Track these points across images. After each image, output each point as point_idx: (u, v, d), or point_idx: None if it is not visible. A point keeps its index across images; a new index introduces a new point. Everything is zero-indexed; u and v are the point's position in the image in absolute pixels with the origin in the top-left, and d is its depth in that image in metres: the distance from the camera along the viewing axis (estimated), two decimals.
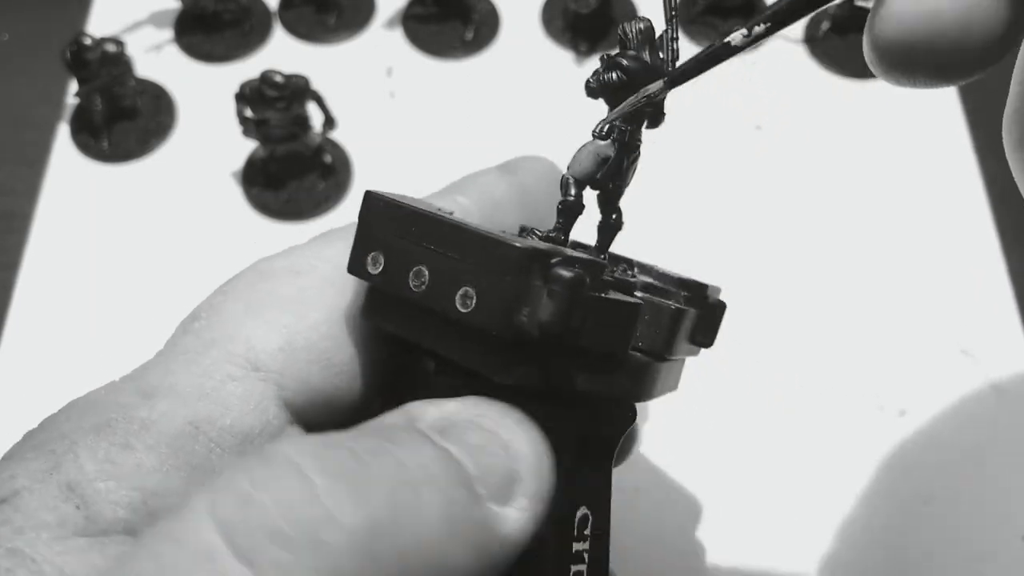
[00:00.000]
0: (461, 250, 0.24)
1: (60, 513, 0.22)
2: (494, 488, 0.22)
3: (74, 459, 0.23)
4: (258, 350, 0.26)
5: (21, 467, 0.22)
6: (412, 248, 0.24)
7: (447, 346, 0.25)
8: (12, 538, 0.21)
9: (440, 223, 0.24)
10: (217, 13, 0.62)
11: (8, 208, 0.56)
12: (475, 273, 0.23)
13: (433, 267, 0.24)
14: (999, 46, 0.21)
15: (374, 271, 0.25)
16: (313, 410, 0.27)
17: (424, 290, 0.24)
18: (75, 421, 0.24)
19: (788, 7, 0.23)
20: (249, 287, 0.28)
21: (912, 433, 0.48)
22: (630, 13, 0.64)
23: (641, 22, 0.26)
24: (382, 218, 0.25)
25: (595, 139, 0.27)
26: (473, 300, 0.23)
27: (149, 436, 0.24)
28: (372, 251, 0.25)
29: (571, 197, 0.27)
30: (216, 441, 0.25)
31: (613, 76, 0.26)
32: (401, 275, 0.24)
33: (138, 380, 0.25)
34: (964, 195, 0.57)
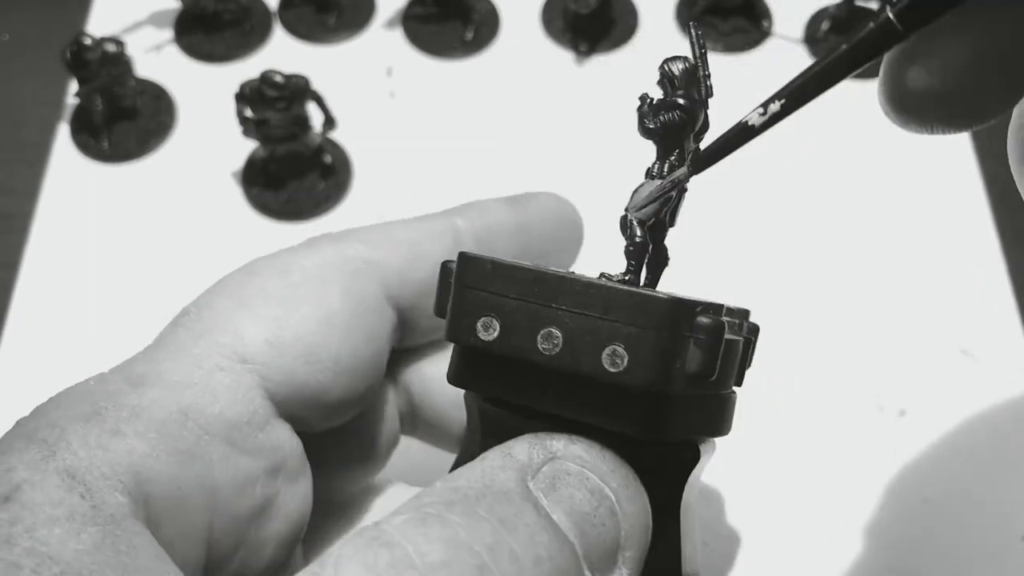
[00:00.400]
0: (602, 307, 0.23)
1: (68, 505, 0.21)
2: (599, 562, 0.23)
3: (67, 446, 0.23)
4: (245, 342, 0.26)
5: (15, 457, 0.22)
6: (538, 309, 0.23)
7: (576, 408, 0.24)
8: (25, 537, 0.21)
9: (572, 281, 0.23)
10: (217, 13, 0.62)
11: (8, 208, 0.56)
12: (623, 330, 0.22)
13: (567, 328, 0.23)
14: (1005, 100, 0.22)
15: (488, 337, 0.24)
16: (298, 404, 0.28)
17: (558, 352, 0.23)
18: (64, 409, 0.24)
19: (800, 86, 0.23)
20: (238, 284, 0.28)
21: (912, 433, 0.48)
22: (629, 13, 0.64)
23: (683, 61, 0.27)
24: (492, 281, 0.24)
25: (653, 179, 0.27)
26: (624, 359, 0.22)
27: (139, 423, 0.24)
28: (482, 316, 0.24)
29: (639, 239, 0.27)
30: (205, 428, 0.25)
31: (675, 116, 0.26)
32: (525, 339, 0.23)
33: (126, 370, 0.26)
34: (964, 195, 0.57)
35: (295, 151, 0.56)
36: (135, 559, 0.22)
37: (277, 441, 0.27)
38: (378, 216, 0.56)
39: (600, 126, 0.58)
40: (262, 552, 0.27)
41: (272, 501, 0.27)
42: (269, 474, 0.27)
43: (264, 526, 0.27)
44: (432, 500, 0.22)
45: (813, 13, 0.64)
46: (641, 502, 0.24)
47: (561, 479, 0.23)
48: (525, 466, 0.23)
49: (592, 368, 0.23)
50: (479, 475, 0.23)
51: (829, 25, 0.62)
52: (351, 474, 0.33)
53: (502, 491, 0.22)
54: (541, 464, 0.23)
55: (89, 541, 0.21)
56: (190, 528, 0.24)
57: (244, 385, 0.26)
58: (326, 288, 0.28)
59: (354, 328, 0.28)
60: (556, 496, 0.23)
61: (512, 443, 0.24)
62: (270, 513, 0.27)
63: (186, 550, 0.24)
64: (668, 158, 0.27)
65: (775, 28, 0.64)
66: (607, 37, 0.63)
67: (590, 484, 0.23)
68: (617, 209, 0.28)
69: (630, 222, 0.27)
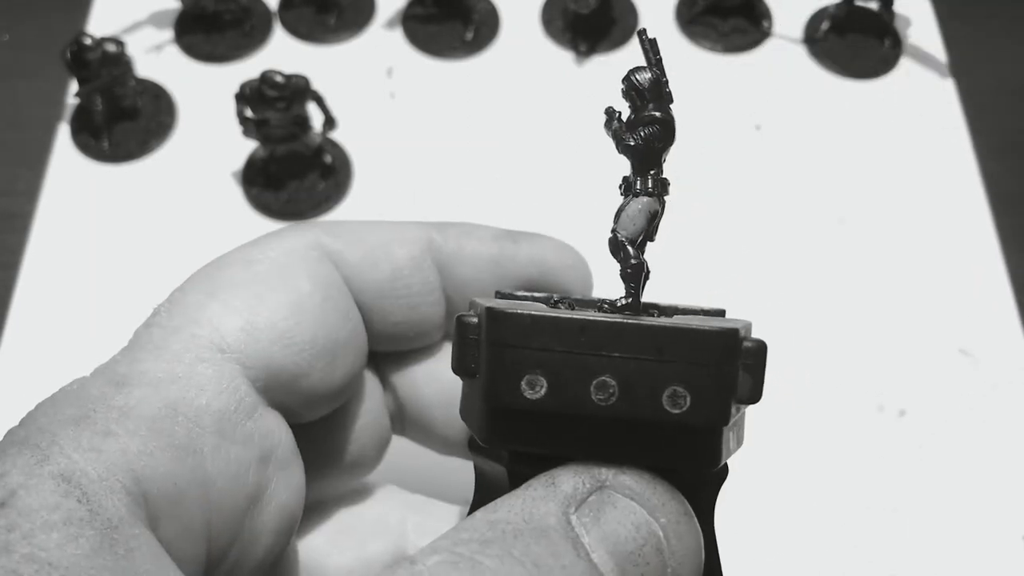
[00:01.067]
0: (656, 349, 0.22)
1: (64, 510, 0.21)
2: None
3: (60, 450, 0.22)
4: (221, 332, 0.26)
5: (8, 463, 0.22)
6: (588, 360, 0.22)
7: (631, 454, 0.23)
8: (23, 543, 0.20)
9: (621, 326, 0.22)
10: (217, 13, 0.62)
11: (8, 208, 0.56)
12: (679, 369, 0.22)
13: (622, 375, 0.22)
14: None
15: (535, 395, 0.22)
16: (280, 390, 0.28)
17: (615, 401, 0.22)
18: (51, 415, 0.24)
19: None
20: (206, 278, 0.28)
21: (912, 433, 0.48)
22: (629, 13, 0.64)
23: (647, 71, 0.26)
24: (533, 336, 0.22)
25: (639, 196, 0.26)
26: (687, 399, 0.22)
27: (129, 422, 0.24)
28: (525, 375, 0.22)
29: (635, 260, 0.26)
30: (195, 421, 0.25)
31: (656, 131, 0.26)
32: (577, 391, 0.22)
33: (108, 373, 0.25)
34: (964, 195, 0.57)
35: (295, 151, 0.56)
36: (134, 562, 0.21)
37: (266, 429, 0.27)
38: (377, 216, 0.56)
39: (600, 127, 0.58)
40: (257, 544, 0.27)
41: (264, 490, 0.27)
42: (260, 463, 0.27)
43: (258, 517, 0.27)
44: (469, 536, 0.21)
45: (813, 13, 0.64)
46: (692, 540, 0.23)
47: (606, 512, 0.22)
48: (569, 497, 0.22)
49: (654, 412, 0.22)
50: (520, 506, 0.22)
51: (829, 25, 0.63)
52: (343, 473, 0.33)
53: (541, 528, 0.22)
54: (587, 494, 0.23)
55: (87, 545, 0.21)
56: (189, 523, 0.24)
57: (227, 375, 0.26)
58: (293, 273, 0.28)
59: (327, 310, 0.28)
60: (599, 532, 0.22)
61: (558, 471, 0.23)
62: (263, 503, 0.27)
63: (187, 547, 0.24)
64: (649, 173, 0.26)
65: (775, 28, 0.64)
66: (607, 37, 0.63)
67: (636, 518, 0.22)
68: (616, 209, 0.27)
69: (622, 243, 0.26)
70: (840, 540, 0.45)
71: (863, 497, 0.46)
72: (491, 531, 0.22)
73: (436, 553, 0.21)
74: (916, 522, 0.46)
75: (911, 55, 0.63)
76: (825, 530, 0.45)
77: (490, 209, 0.55)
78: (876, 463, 0.47)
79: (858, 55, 0.62)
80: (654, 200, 0.26)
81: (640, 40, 0.26)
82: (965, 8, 0.65)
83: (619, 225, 0.26)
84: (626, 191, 0.27)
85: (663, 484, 0.23)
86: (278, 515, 0.27)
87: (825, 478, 0.47)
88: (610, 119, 0.27)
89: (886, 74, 0.62)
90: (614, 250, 0.26)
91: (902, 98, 0.61)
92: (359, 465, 0.33)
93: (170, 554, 0.23)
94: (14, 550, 0.20)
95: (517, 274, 0.32)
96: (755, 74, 0.62)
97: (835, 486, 0.46)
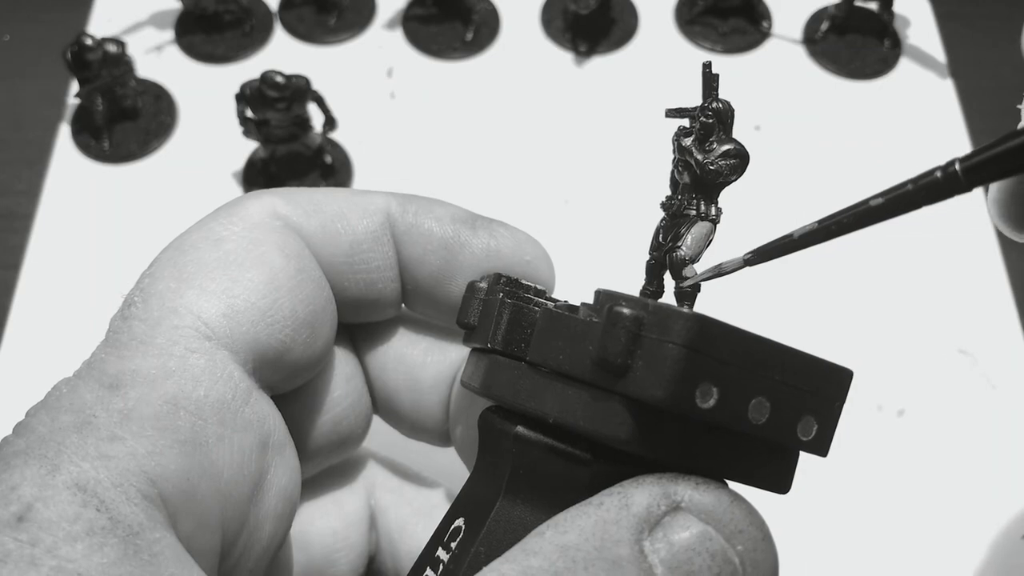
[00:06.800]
0: (803, 378, 0.23)
1: (85, 520, 0.21)
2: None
3: (68, 459, 0.22)
4: (204, 320, 0.26)
5: (16, 475, 0.22)
6: (754, 378, 0.22)
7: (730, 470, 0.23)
8: (49, 556, 0.20)
9: (785, 351, 0.23)
10: (218, 14, 0.62)
11: (9, 208, 0.56)
12: (814, 401, 0.23)
13: (775, 397, 0.22)
14: None
15: (704, 404, 0.22)
16: (266, 368, 0.27)
17: (764, 422, 0.22)
18: (49, 424, 0.23)
19: (859, 215, 0.23)
20: (173, 264, 0.27)
21: (911, 432, 0.48)
22: (629, 13, 0.64)
23: (723, 102, 0.28)
24: (719, 346, 0.22)
25: (704, 220, 0.28)
26: (814, 428, 0.23)
27: (132, 424, 0.23)
28: (703, 383, 0.22)
29: (697, 280, 0.27)
30: (196, 414, 0.25)
31: (736, 163, 0.28)
32: (739, 408, 0.22)
33: (97, 374, 0.25)
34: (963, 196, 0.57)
35: (296, 151, 0.56)
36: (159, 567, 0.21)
37: (262, 413, 0.27)
38: None
39: (600, 126, 0.59)
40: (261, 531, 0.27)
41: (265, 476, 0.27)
42: (260, 448, 0.26)
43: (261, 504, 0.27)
44: (539, 565, 0.21)
45: (812, 14, 0.64)
46: (769, 567, 0.22)
47: (681, 539, 0.21)
48: (643, 520, 0.22)
49: (788, 437, 0.23)
50: (592, 529, 0.21)
51: (828, 25, 0.63)
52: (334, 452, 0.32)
53: (615, 559, 0.21)
54: (661, 515, 0.22)
55: (112, 554, 0.21)
56: (205, 517, 0.24)
57: (219, 363, 0.26)
58: (262, 248, 0.27)
59: (302, 281, 0.28)
60: (673, 562, 0.21)
61: (632, 487, 0.22)
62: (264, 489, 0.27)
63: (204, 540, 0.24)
64: (714, 200, 0.27)
65: (774, 28, 0.64)
66: (607, 37, 0.63)
67: (712, 547, 0.21)
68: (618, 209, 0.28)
69: (685, 262, 0.27)
70: (839, 539, 0.45)
71: (862, 496, 0.46)
72: (562, 560, 0.21)
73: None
74: (915, 522, 0.46)
75: (910, 56, 0.63)
76: (824, 529, 0.45)
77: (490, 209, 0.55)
78: (875, 462, 0.47)
79: (857, 55, 0.62)
80: (713, 227, 0.28)
81: (704, 73, 0.27)
82: (964, 9, 0.65)
83: (685, 244, 0.27)
84: (675, 211, 0.28)
85: (743, 505, 0.22)
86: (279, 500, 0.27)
87: (824, 477, 0.47)
88: (682, 134, 0.28)
89: (885, 74, 0.62)
90: (676, 268, 0.27)
91: (901, 98, 0.61)
92: (349, 441, 0.32)
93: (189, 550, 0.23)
94: (41, 563, 0.20)
95: (468, 263, 0.31)
96: (755, 74, 0.62)
97: (834, 485, 0.46)
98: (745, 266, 0.25)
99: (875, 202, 0.22)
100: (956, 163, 0.21)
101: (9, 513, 0.21)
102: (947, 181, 0.21)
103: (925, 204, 0.22)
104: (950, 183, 0.21)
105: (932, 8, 0.65)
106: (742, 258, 0.25)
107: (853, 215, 0.23)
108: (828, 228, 0.24)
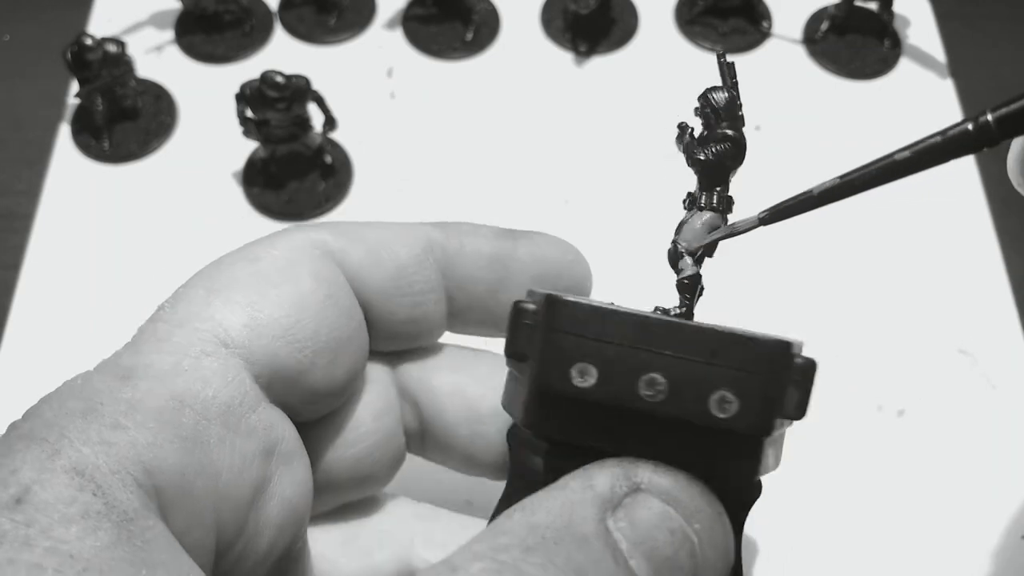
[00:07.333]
0: (710, 352, 0.22)
1: (81, 503, 0.21)
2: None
3: (70, 444, 0.23)
4: (225, 327, 0.27)
5: (18, 459, 0.22)
6: (640, 355, 0.23)
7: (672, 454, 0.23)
8: (43, 537, 0.21)
9: (677, 326, 0.23)
10: (218, 14, 0.62)
11: (9, 208, 0.56)
12: (730, 375, 0.22)
13: (672, 373, 0.23)
14: None
15: (583, 383, 0.23)
16: (282, 386, 0.28)
17: (663, 398, 0.23)
18: (57, 409, 0.24)
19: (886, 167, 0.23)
20: (209, 276, 0.28)
21: (911, 433, 0.48)
22: (629, 13, 0.64)
23: (723, 91, 0.27)
24: (588, 326, 0.23)
25: (703, 209, 0.27)
26: (734, 404, 0.22)
27: (137, 414, 0.24)
28: (576, 363, 0.23)
29: (692, 272, 0.27)
30: (202, 413, 0.25)
31: (727, 148, 0.27)
32: (626, 385, 0.23)
33: (112, 366, 0.26)
34: (963, 195, 0.57)
35: (296, 151, 0.56)
36: (151, 553, 0.22)
37: (269, 422, 0.27)
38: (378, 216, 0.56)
39: (600, 126, 0.59)
40: (260, 537, 0.27)
41: (268, 484, 0.27)
42: (264, 456, 0.27)
43: (262, 510, 0.27)
44: (509, 542, 0.22)
45: (812, 13, 0.64)
46: (724, 546, 0.23)
47: (643, 517, 0.22)
48: (606, 500, 0.23)
49: (700, 415, 0.22)
50: (558, 509, 0.22)
51: (828, 25, 0.63)
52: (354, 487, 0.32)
53: (581, 535, 0.22)
54: (623, 496, 0.23)
55: (106, 538, 0.21)
56: (198, 514, 0.24)
57: (232, 368, 0.26)
58: (295, 270, 0.28)
59: (329, 307, 0.28)
60: (636, 538, 0.22)
61: (595, 469, 0.23)
62: (266, 497, 0.27)
63: (197, 537, 0.24)
64: (715, 189, 0.27)
65: (774, 29, 0.64)
66: (607, 37, 0.63)
67: (672, 524, 0.22)
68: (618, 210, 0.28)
69: (681, 255, 0.27)
70: (838, 539, 0.45)
71: (862, 497, 0.46)
72: (531, 537, 0.22)
73: (478, 560, 0.21)
74: (915, 522, 0.46)
75: (910, 55, 0.63)
76: (823, 529, 0.45)
77: (490, 209, 0.55)
78: (875, 463, 0.47)
79: (857, 55, 0.62)
80: (717, 216, 0.27)
81: (719, 63, 0.27)
82: (964, 9, 0.65)
83: (681, 236, 0.27)
84: (690, 205, 0.28)
85: (698, 487, 0.23)
86: (281, 510, 0.27)
87: (824, 477, 0.47)
88: (682, 134, 0.28)
89: (885, 74, 0.62)
90: (673, 260, 0.27)
91: (901, 98, 0.61)
92: (371, 480, 0.33)
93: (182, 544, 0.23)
94: (35, 544, 0.20)
95: (518, 271, 0.32)
96: (755, 74, 0.62)
97: (834, 485, 0.46)
98: (760, 225, 0.25)
99: (901, 156, 0.23)
100: (988, 113, 0.20)
101: (8, 495, 0.21)
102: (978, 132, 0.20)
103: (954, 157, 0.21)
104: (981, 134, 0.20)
105: (932, 8, 0.65)
106: (757, 217, 0.26)
107: (877, 169, 0.23)
108: (851, 183, 0.24)
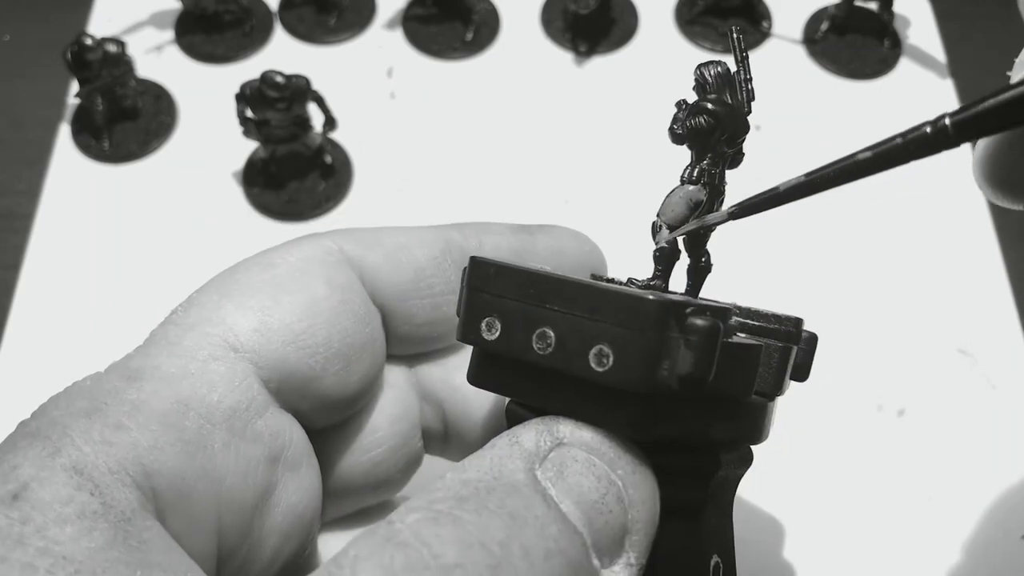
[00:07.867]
0: (591, 308, 0.23)
1: (78, 503, 0.21)
2: (607, 549, 0.23)
3: (71, 442, 0.23)
4: (235, 332, 0.27)
5: (19, 455, 0.22)
6: (533, 310, 0.24)
7: (575, 408, 0.24)
8: (37, 537, 0.21)
9: (564, 282, 0.24)
10: (218, 14, 0.62)
11: (9, 208, 0.56)
12: (609, 330, 0.23)
13: (559, 328, 0.23)
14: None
15: (490, 336, 0.24)
16: (292, 392, 0.28)
17: (551, 352, 0.23)
18: (63, 408, 0.24)
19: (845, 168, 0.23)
20: (223, 281, 0.28)
21: (911, 433, 0.48)
22: (629, 13, 0.64)
23: (718, 65, 0.27)
24: (494, 283, 0.25)
25: (685, 184, 0.27)
26: (610, 358, 0.23)
27: (140, 416, 0.24)
28: (485, 316, 0.24)
29: (667, 244, 0.27)
30: (206, 417, 0.25)
31: (702, 121, 0.26)
32: (522, 338, 0.24)
33: (121, 368, 0.26)
34: (963, 195, 0.57)
35: (296, 151, 0.56)
36: (147, 554, 0.22)
37: (276, 428, 0.27)
38: (378, 216, 0.56)
39: (600, 126, 0.59)
40: (265, 544, 0.27)
41: (273, 490, 0.27)
42: (270, 462, 0.27)
43: (267, 516, 0.27)
44: (444, 495, 0.22)
45: (812, 13, 0.64)
46: (648, 487, 0.24)
47: (568, 466, 0.23)
48: (532, 454, 0.23)
49: (581, 367, 0.23)
50: (488, 465, 0.23)
51: (828, 25, 0.63)
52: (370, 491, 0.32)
53: (511, 483, 0.23)
54: (548, 450, 0.24)
55: (101, 538, 0.21)
56: (198, 518, 0.24)
57: (239, 373, 0.26)
58: (309, 277, 0.28)
59: (342, 313, 0.28)
60: (564, 485, 0.23)
61: (519, 430, 0.24)
62: (272, 503, 0.27)
63: (196, 541, 0.24)
64: (700, 163, 0.27)
65: (775, 28, 0.64)
66: (607, 37, 0.63)
67: (597, 471, 0.23)
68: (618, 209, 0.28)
69: (659, 227, 0.27)
70: (838, 539, 0.45)
71: (861, 496, 0.46)
72: (464, 489, 0.22)
73: (414, 512, 0.22)
74: (915, 522, 0.46)
75: (910, 55, 0.63)
76: (823, 529, 0.45)
77: (490, 209, 0.55)
78: (875, 462, 0.47)
79: (857, 55, 0.62)
80: (698, 189, 0.27)
81: (731, 36, 0.27)
82: (964, 9, 0.65)
83: (660, 209, 0.27)
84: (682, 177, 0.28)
85: (616, 438, 0.24)
86: (287, 516, 0.27)
87: (824, 477, 0.47)
88: (678, 109, 0.28)
89: (885, 74, 0.62)
90: (653, 232, 0.27)
91: (901, 98, 0.61)
92: (387, 485, 0.33)
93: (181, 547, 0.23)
94: (28, 543, 0.20)
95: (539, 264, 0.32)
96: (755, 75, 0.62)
97: (834, 485, 0.46)
98: (730, 219, 0.26)
99: (863, 156, 0.23)
100: (946, 117, 0.21)
101: (6, 491, 0.21)
102: (936, 135, 0.21)
103: (913, 159, 0.22)
104: (939, 137, 0.21)
105: (932, 8, 0.65)
106: (727, 211, 0.26)
107: (840, 168, 0.24)
108: (814, 181, 0.24)
